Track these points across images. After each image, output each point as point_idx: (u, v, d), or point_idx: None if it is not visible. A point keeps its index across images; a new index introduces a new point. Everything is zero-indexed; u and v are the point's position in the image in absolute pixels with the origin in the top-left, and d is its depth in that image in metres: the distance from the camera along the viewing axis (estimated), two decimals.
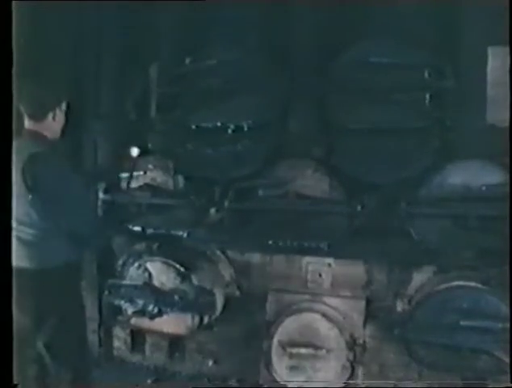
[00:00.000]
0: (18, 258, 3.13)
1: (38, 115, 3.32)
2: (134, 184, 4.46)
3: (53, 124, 3.37)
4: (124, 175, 4.46)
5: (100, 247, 4.50)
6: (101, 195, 4.56)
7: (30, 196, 3.12)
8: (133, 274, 4.29)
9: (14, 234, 3.12)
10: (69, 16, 4.58)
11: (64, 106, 3.43)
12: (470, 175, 3.72)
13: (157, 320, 4.21)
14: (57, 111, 3.37)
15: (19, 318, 3.09)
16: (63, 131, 3.48)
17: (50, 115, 3.33)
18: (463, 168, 3.76)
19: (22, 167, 3.11)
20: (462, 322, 3.56)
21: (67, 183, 3.22)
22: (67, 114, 3.48)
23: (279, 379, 4.09)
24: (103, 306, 4.30)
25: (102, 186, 4.55)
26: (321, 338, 4.01)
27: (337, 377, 3.98)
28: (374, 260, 4.08)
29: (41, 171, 3.14)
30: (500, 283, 3.55)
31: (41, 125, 3.33)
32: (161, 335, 4.49)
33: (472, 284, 3.64)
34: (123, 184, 4.50)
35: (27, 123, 3.35)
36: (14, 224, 3.12)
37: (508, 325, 3.40)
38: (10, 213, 3.08)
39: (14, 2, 3.03)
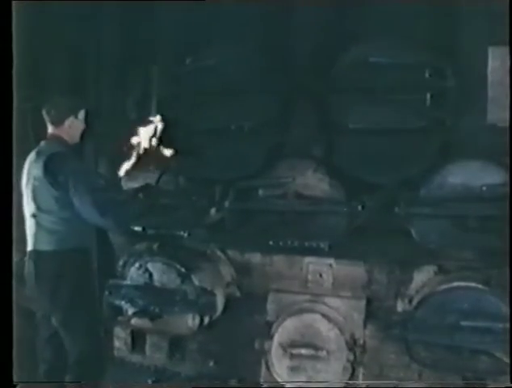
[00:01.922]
0: (39, 242, 3.54)
1: (56, 122, 3.61)
2: (135, 184, 4.45)
3: (70, 130, 3.63)
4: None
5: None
6: None
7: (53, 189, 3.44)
8: (134, 274, 4.29)
9: (36, 221, 3.53)
10: (68, 16, 4.59)
11: (81, 114, 3.68)
12: (470, 175, 3.72)
13: (158, 320, 4.21)
14: (72, 119, 3.62)
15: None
16: (82, 136, 3.75)
17: (67, 123, 3.60)
18: (463, 168, 3.75)
19: (43, 164, 3.44)
20: (462, 323, 3.55)
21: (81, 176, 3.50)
22: (86, 121, 3.72)
23: (279, 379, 4.09)
24: (104, 307, 4.30)
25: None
26: (321, 338, 4.01)
27: (337, 377, 3.97)
28: (374, 260, 4.07)
29: (59, 168, 3.45)
30: (500, 283, 3.55)
31: (60, 130, 3.60)
32: (162, 335, 4.50)
33: (473, 284, 3.63)
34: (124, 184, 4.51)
35: (49, 128, 3.64)
36: (35, 212, 3.52)
37: (508, 325, 3.39)
38: (10, 221, 3.18)
39: (14, 2, 3.04)
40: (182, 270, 4.21)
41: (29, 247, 3.59)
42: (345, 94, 3.98)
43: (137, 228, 4.45)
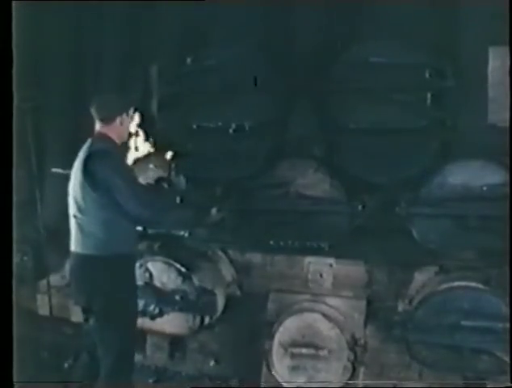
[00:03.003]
0: (78, 244, 3.46)
1: (106, 119, 3.50)
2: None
3: (120, 128, 3.55)
4: None
5: None
6: None
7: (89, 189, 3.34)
8: None
9: (76, 222, 3.44)
10: (69, 16, 4.59)
11: (131, 112, 3.64)
12: (470, 175, 3.73)
13: (158, 320, 4.22)
14: (124, 117, 3.55)
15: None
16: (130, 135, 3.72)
17: (118, 120, 3.51)
18: (463, 168, 3.76)
19: (83, 162, 3.37)
20: (463, 322, 3.57)
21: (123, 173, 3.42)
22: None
23: (280, 379, 4.09)
24: None
25: None
26: (322, 338, 4.01)
27: (338, 377, 3.97)
28: (375, 260, 4.08)
29: (98, 167, 3.34)
30: (500, 283, 3.55)
31: (109, 128, 3.51)
32: (162, 335, 4.50)
33: (473, 284, 3.64)
34: None
35: (97, 125, 3.54)
36: (75, 213, 3.43)
37: (508, 325, 3.39)
38: (10, 221, 3.16)
39: (14, 2, 3.04)
40: (183, 270, 4.22)
41: (71, 248, 3.52)
42: (345, 94, 3.98)
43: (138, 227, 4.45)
